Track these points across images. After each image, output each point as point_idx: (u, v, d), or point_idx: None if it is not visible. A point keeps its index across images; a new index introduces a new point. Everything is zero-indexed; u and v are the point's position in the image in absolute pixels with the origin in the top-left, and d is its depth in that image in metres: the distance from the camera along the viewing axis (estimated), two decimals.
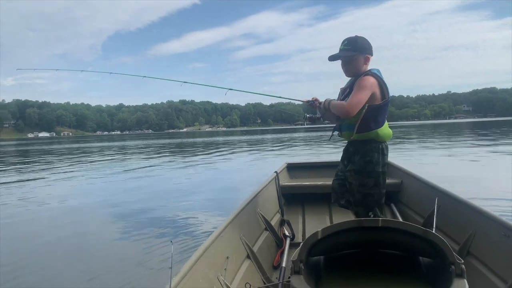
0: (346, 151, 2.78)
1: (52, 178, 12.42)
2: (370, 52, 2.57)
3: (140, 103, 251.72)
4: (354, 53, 2.52)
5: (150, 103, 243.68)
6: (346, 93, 2.60)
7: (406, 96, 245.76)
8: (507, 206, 5.44)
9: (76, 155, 24.62)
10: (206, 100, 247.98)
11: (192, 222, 5.73)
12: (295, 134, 45.68)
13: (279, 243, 3.36)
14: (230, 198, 7.51)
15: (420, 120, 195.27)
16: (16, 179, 12.27)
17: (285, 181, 4.49)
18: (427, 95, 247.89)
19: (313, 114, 2.86)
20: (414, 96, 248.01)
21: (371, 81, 2.45)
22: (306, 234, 3.73)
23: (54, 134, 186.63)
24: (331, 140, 2.88)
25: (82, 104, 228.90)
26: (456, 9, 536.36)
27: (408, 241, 1.54)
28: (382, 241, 1.65)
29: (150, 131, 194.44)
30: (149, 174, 12.62)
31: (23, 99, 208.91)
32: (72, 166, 16.76)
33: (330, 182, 2.94)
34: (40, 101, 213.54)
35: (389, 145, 2.70)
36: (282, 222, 3.67)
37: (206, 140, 44.17)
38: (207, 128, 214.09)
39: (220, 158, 17.97)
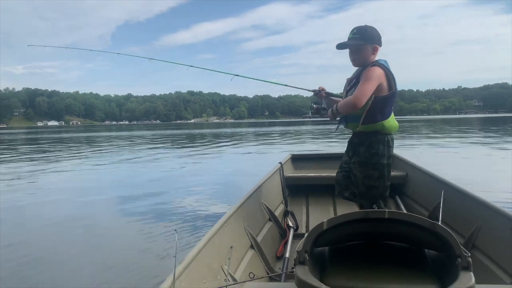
0: (351, 143, 2.76)
1: (61, 166, 12.55)
2: (379, 42, 2.53)
3: (148, 94, 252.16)
4: (363, 42, 2.48)
5: (158, 94, 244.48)
6: (353, 83, 2.57)
7: (415, 90, 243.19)
8: None
9: (85, 144, 24.84)
10: (214, 91, 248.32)
11: (196, 211, 5.77)
12: (303, 127, 45.66)
13: (283, 234, 3.37)
14: (235, 188, 7.56)
15: (429, 115, 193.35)
16: (26, 166, 12.42)
17: (289, 172, 4.49)
18: (437, 90, 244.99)
19: (319, 104, 2.80)
20: (424, 90, 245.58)
21: (378, 72, 2.42)
22: (310, 225, 3.75)
23: (63, 123, 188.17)
24: (337, 131, 2.85)
25: (91, 93, 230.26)
26: (469, 2, 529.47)
27: (414, 233, 1.54)
28: (388, 233, 1.65)
29: (158, 122, 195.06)
30: (156, 163, 12.70)
31: (33, 88, 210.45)
32: (80, 154, 16.92)
33: (335, 174, 2.92)
34: (49, 90, 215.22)
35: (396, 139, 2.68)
36: (286, 213, 3.68)
37: (214, 131, 44.25)
38: (215, 119, 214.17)
39: (226, 149, 18.02)
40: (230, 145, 20.72)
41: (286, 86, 3.27)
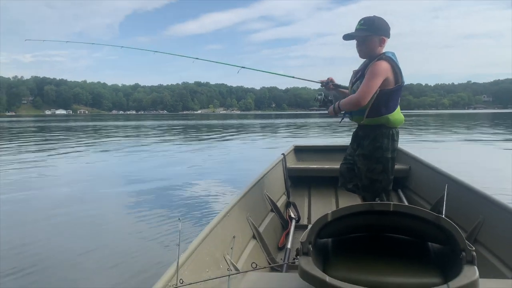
0: (355, 135, 2.75)
1: (69, 154, 12.66)
2: (387, 34, 2.48)
3: (155, 84, 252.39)
4: (369, 33, 2.44)
5: (165, 84, 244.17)
6: (358, 75, 2.54)
7: (424, 84, 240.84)
8: None
9: (93, 133, 24.97)
10: (221, 82, 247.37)
11: (200, 200, 5.82)
12: (310, 120, 45.47)
13: (285, 225, 3.38)
14: (239, 178, 7.57)
15: (437, 109, 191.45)
16: (34, 154, 12.52)
17: (292, 163, 4.50)
18: (446, 84, 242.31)
19: (325, 96, 2.75)
20: (432, 84, 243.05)
21: (384, 66, 2.38)
22: (312, 217, 3.76)
23: (71, 112, 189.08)
24: (341, 124, 2.83)
25: (99, 82, 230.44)
26: None
27: (418, 226, 1.54)
28: (392, 225, 1.64)
29: (165, 112, 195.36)
30: (161, 153, 12.75)
31: (41, 76, 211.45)
32: (88, 143, 17.03)
33: (337, 166, 2.92)
34: (57, 78, 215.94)
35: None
36: (288, 204, 3.70)
37: (220, 122, 44.24)
38: (222, 110, 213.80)
39: (232, 139, 18.03)
40: (236, 136, 20.72)
41: (293, 78, 3.25)
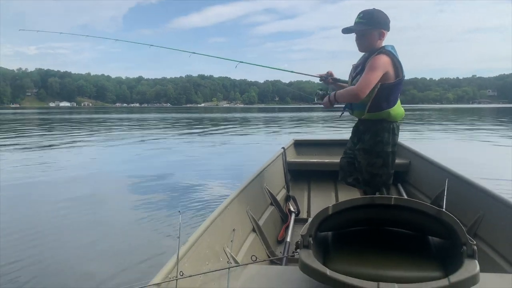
0: (356, 129, 2.74)
1: (71, 146, 12.70)
2: (386, 27, 2.45)
3: (159, 77, 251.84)
4: (369, 27, 2.41)
5: (169, 77, 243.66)
6: (358, 70, 2.52)
7: (428, 78, 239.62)
8: None
9: (97, 126, 25.03)
10: (224, 76, 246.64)
11: (201, 193, 5.83)
12: (314, 113, 45.27)
13: (284, 218, 3.39)
14: (240, 172, 7.56)
15: (441, 104, 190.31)
16: (39, 145, 12.58)
17: (292, 157, 4.50)
18: (451, 78, 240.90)
19: (325, 91, 2.73)
20: (437, 79, 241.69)
21: (384, 60, 2.36)
22: (311, 210, 3.76)
23: (75, 104, 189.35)
24: (341, 118, 2.81)
25: (103, 75, 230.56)
26: None
27: (419, 220, 1.53)
28: (393, 219, 1.64)
29: (168, 105, 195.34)
30: (164, 146, 12.76)
31: (45, 68, 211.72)
32: (92, 135, 17.08)
33: (337, 160, 2.92)
34: (61, 70, 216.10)
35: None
36: (287, 198, 3.71)
37: (224, 115, 44.22)
38: (225, 104, 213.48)
39: (235, 133, 18.03)
40: (239, 129, 20.73)
41: (292, 72, 3.23)
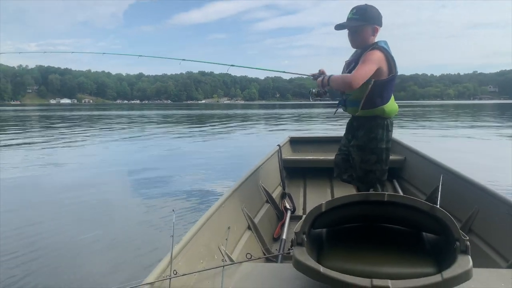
0: (350, 126, 2.73)
1: (69, 143, 12.70)
2: (379, 22, 2.44)
3: (159, 73, 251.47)
4: (362, 23, 2.39)
5: (169, 74, 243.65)
6: (351, 67, 2.50)
7: (429, 74, 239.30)
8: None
9: (98, 122, 25.04)
10: (225, 72, 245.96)
11: (195, 191, 5.81)
12: (315, 110, 45.24)
13: (280, 216, 3.40)
14: (236, 169, 7.52)
15: (442, 100, 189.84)
16: (39, 142, 12.58)
17: (287, 154, 4.50)
18: (452, 74, 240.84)
19: (320, 89, 2.72)
20: (438, 75, 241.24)
21: (378, 55, 2.35)
22: (307, 208, 3.76)
23: (76, 101, 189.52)
24: (335, 115, 2.81)
25: (103, 72, 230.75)
26: None
27: (413, 216, 1.54)
28: (387, 215, 1.64)
29: (169, 102, 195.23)
30: (162, 143, 12.77)
31: (46, 65, 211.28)
32: (92, 132, 17.09)
33: (332, 157, 2.91)
34: (62, 67, 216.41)
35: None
36: (283, 195, 3.71)
37: (224, 112, 44.19)
38: (226, 100, 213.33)
39: (234, 130, 18.03)
40: (239, 126, 20.73)
41: (284, 72, 3.23)
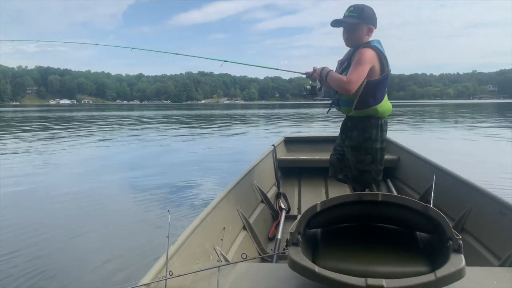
0: (344, 126, 2.73)
1: (67, 144, 12.73)
2: (375, 23, 2.46)
3: (159, 74, 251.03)
4: (359, 21, 2.40)
5: (169, 74, 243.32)
6: (344, 66, 2.50)
7: (429, 74, 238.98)
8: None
9: (97, 123, 25.04)
10: (225, 72, 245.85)
11: (191, 191, 5.82)
12: (315, 110, 45.22)
13: (275, 216, 3.40)
14: (232, 170, 7.52)
15: (442, 99, 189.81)
16: (38, 144, 12.61)
17: (282, 154, 4.50)
18: (451, 74, 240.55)
19: (313, 86, 2.72)
20: (437, 74, 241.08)
21: (370, 54, 2.35)
22: (302, 207, 3.77)
23: (75, 102, 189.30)
24: (333, 114, 2.81)
25: (103, 72, 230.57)
26: None
27: (406, 216, 1.55)
28: (381, 215, 1.66)
29: (169, 102, 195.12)
30: (160, 143, 12.80)
31: (45, 66, 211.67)
32: (87, 133, 17.09)
33: (327, 157, 2.92)
34: (61, 68, 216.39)
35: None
36: (278, 195, 3.71)
37: (224, 112, 44.19)
38: (225, 100, 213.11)
39: (232, 130, 18.03)
40: (238, 126, 20.75)
41: (278, 69, 3.24)
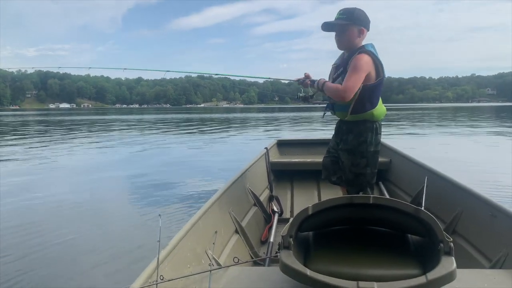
0: (338, 129, 2.71)
1: (64, 145, 12.75)
2: (366, 25, 2.45)
3: (158, 77, 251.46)
4: (348, 22, 2.41)
5: (168, 78, 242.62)
6: (340, 71, 2.50)
7: (428, 77, 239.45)
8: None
9: (96, 127, 25.05)
10: (224, 76, 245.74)
11: (182, 195, 5.80)
12: (315, 113, 45.27)
13: (267, 219, 3.39)
14: (225, 173, 7.49)
15: (441, 102, 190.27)
16: (37, 147, 12.63)
17: (275, 157, 4.50)
18: (450, 77, 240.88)
19: (306, 93, 2.80)
20: (436, 78, 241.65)
21: (366, 60, 2.35)
22: (295, 210, 3.76)
23: (75, 106, 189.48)
24: (324, 118, 2.81)
25: (102, 76, 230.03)
26: None
27: (398, 219, 1.54)
28: (372, 218, 1.66)
29: (168, 106, 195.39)
30: (159, 147, 12.80)
31: (45, 70, 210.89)
32: (89, 137, 17.08)
33: (320, 159, 2.91)
34: (61, 72, 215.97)
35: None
36: (271, 198, 3.70)
37: (223, 116, 44.26)
38: (225, 104, 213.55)
39: (229, 133, 18.05)
40: (234, 129, 20.76)
41: (269, 79, 3.27)
